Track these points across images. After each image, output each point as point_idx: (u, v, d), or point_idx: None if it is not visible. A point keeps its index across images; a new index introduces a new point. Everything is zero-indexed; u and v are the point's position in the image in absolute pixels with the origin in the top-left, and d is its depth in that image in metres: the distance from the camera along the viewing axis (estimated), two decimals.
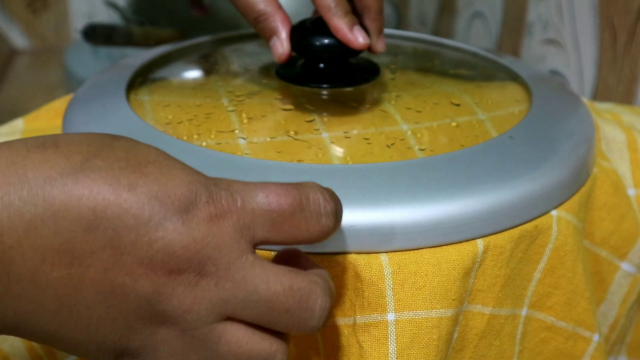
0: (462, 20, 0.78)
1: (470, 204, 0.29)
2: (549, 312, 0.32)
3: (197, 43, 0.46)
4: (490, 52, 0.44)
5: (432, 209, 0.29)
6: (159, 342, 0.23)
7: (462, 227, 0.29)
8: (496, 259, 0.30)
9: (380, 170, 0.30)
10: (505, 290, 0.30)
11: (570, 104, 0.38)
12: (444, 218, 0.29)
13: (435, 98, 0.39)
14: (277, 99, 0.39)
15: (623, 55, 0.52)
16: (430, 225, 0.29)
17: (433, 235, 0.29)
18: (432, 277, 0.28)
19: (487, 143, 0.33)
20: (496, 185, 0.30)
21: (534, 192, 0.30)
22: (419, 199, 0.29)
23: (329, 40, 0.37)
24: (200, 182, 0.23)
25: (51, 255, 0.22)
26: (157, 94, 0.40)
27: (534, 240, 0.31)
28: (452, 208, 0.29)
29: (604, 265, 0.35)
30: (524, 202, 0.30)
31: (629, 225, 0.35)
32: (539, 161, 0.32)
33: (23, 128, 0.40)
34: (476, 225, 0.29)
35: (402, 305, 0.28)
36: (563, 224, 0.31)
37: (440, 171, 0.30)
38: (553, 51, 0.61)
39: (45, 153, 0.22)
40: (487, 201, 0.29)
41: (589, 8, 0.55)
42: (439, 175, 0.30)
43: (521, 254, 0.31)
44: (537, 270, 0.31)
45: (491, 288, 0.30)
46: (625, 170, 0.37)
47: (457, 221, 0.29)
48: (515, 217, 0.30)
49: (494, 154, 0.32)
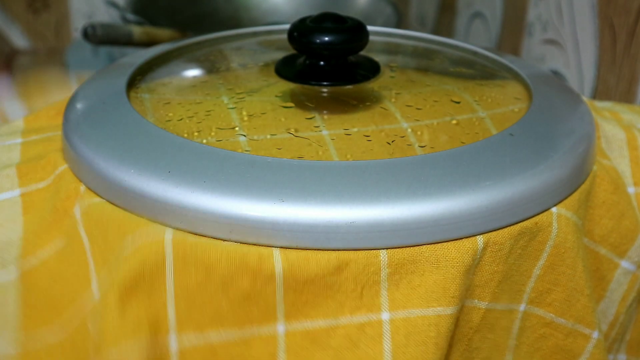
0: (462, 20, 0.79)
1: (470, 201, 0.29)
2: (549, 309, 0.32)
3: (196, 41, 0.46)
4: (491, 51, 0.45)
5: (432, 205, 0.29)
6: None
7: (462, 224, 0.29)
8: (495, 255, 0.30)
9: (381, 167, 0.30)
10: (503, 285, 0.30)
11: (571, 102, 0.38)
12: (444, 215, 0.29)
13: (436, 96, 0.39)
14: (277, 96, 0.39)
15: (623, 55, 0.52)
16: (431, 222, 0.29)
17: (433, 232, 0.29)
18: (430, 275, 0.29)
19: (487, 140, 0.33)
20: (496, 182, 0.30)
21: (534, 189, 0.30)
22: (419, 195, 0.29)
23: (330, 38, 0.37)
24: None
25: None
26: (157, 92, 0.40)
27: (534, 237, 0.31)
28: (452, 205, 0.29)
29: (603, 263, 0.35)
30: (524, 199, 0.30)
31: (629, 223, 0.35)
32: (539, 159, 0.32)
33: (23, 128, 0.40)
34: (476, 222, 0.29)
35: (396, 304, 0.28)
36: (563, 221, 0.31)
37: (440, 168, 0.30)
38: (553, 51, 0.61)
39: None
40: (487, 198, 0.29)
41: (588, 8, 0.55)
42: (439, 172, 0.30)
43: (520, 251, 0.31)
44: (536, 267, 0.31)
45: (488, 283, 0.30)
46: (625, 169, 0.37)
47: (457, 218, 0.29)
48: (515, 214, 0.30)
49: (494, 151, 0.32)
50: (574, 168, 0.33)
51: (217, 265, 0.28)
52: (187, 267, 0.28)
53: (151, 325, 0.28)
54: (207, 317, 0.29)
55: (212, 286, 0.28)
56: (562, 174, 0.32)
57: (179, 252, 0.28)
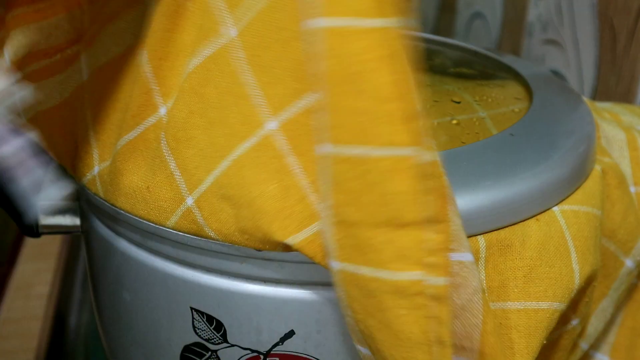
0: (462, 21, 0.79)
1: (470, 201, 0.29)
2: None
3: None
4: (491, 51, 0.45)
5: None
6: None
7: (464, 224, 0.29)
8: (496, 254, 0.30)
9: None
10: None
11: (571, 102, 0.38)
12: None
13: (436, 96, 0.39)
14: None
15: (623, 55, 0.52)
16: None
17: None
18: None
19: (487, 140, 0.33)
20: (496, 182, 0.30)
21: (535, 189, 0.30)
22: None
23: None
24: None
25: None
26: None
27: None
28: None
29: (610, 260, 0.35)
30: (525, 199, 0.30)
31: (633, 219, 0.35)
32: (539, 158, 0.32)
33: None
34: (477, 222, 0.29)
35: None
36: (570, 217, 0.31)
37: None
38: (553, 51, 0.61)
39: None
40: (487, 198, 0.29)
41: (588, 8, 0.55)
42: None
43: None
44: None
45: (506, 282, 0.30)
46: (625, 169, 0.37)
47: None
48: (515, 213, 0.30)
49: (494, 151, 0.32)
50: (575, 168, 0.32)
51: None
52: None
53: None
54: None
55: None
56: (562, 174, 0.32)
57: None
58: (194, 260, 0.31)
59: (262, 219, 0.27)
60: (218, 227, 0.28)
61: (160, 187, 0.29)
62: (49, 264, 0.61)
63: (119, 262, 0.34)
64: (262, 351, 0.31)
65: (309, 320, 0.30)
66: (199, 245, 0.30)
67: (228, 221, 0.28)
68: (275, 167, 0.27)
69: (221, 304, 0.31)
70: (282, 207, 0.27)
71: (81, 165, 0.33)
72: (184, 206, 0.29)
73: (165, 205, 0.29)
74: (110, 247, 0.34)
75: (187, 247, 0.30)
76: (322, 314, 0.30)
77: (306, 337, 0.30)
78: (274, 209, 0.27)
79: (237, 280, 0.30)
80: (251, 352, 0.31)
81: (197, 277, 0.31)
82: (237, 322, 0.31)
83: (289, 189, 0.27)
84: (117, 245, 0.33)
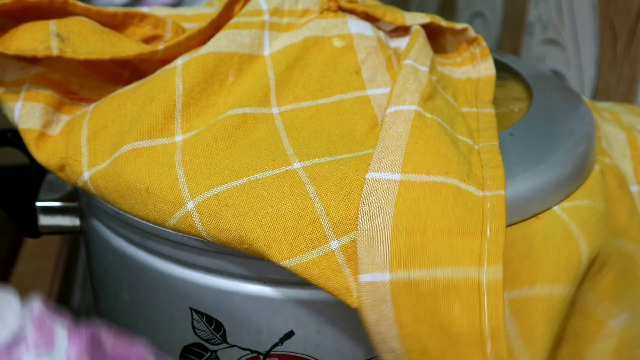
0: (462, 20, 0.79)
1: None
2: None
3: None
4: (491, 51, 0.44)
5: None
6: None
7: None
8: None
9: None
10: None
11: (571, 102, 0.38)
12: None
13: None
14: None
15: (623, 55, 0.52)
16: None
17: None
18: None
19: None
20: None
21: (535, 189, 0.30)
22: None
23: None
24: None
25: None
26: None
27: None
28: None
29: (629, 262, 0.35)
30: (525, 198, 0.30)
31: (638, 218, 0.35)
32: (539, 158, 0.32)
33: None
34: None
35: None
36: (572, 211, 0.31)
37: None
38: (553, 51, 0.61)
39: None
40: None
41: (589, 8, 0.55)
42: None
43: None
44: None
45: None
46: (627, 168, 0.37)
47: None
48: (515, 213, 0.30)
49: None
50: (575, 168, 0.32)
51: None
52: None
53: None
54: None
55: None
56: (562, 174, 0.32)
57: None
58: (194, 261, 0.31)
59: (269, 235, 0.27)
60: (216, 234, 0.28)
61: (160, 190, 0.29)
62: (49, 264, 0.61)
63: (118, 262, 0.34)
64: (262, 351, 0.31)
65: (308, 320, 0.30)
66: (198, 245, 0.30)
67: (227, 229, 0.28)
68: (292, 191, 0.28)
69: (221, 305, 0.31)
70: (294, 226, 0.27)
71: (70, 171, 0.33)
72: (184, 210, 0.29)
73: (164, 208, 0.29)
74: (110, 247, 0.34)
75: (187, 247, 0.30)
76: (322, 314, 0.30)
77: (306, 337, 0.30)
78: (286, 227, 0.27)
79: (237, 280, 0.30)
80: (251, 352, 0.31)
81: (196, 277, 0.31)
82: (237, 322, 0.31)
83: (303, 208, 0.27)
84: (117, 246, 0.33)
